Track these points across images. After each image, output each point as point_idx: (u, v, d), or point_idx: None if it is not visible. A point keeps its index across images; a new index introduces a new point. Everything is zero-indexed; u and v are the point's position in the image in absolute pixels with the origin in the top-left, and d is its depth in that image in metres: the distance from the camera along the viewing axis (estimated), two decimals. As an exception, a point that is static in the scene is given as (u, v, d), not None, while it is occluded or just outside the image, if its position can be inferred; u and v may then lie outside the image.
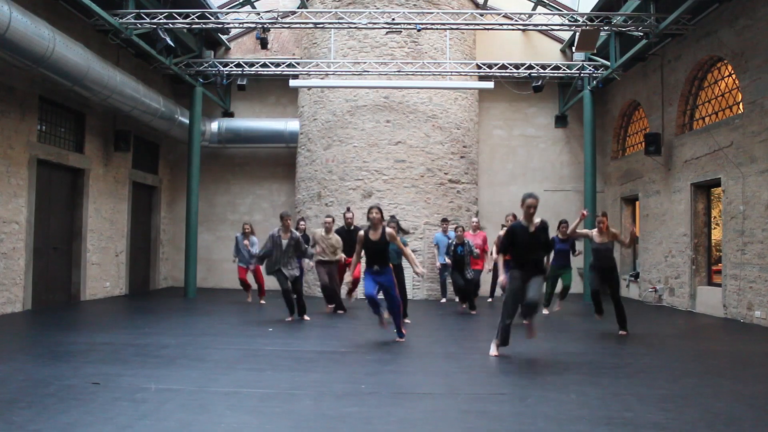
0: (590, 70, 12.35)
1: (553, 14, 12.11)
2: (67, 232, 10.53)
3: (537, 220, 5.97)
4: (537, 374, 5.22)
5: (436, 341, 7.20)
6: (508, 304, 5.90)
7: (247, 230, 10.95)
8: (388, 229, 6.67)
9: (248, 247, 10.77)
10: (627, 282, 13.08)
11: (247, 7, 12.65)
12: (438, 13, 10.76)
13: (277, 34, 14.27)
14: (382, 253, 6.64)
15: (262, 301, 11.05)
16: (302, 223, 10.46)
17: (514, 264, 5.99)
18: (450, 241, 9.71)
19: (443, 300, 11.77)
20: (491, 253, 9.79)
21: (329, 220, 9.41)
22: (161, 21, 9.84)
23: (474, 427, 3.69)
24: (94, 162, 11.03)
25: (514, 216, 8.43)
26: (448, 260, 9.72)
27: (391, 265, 6.84)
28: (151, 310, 9.80)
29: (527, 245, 5.90)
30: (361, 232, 6.74)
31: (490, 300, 11.79)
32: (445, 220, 11.32)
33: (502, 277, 6.04)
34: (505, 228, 8.34)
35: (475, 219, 11.05)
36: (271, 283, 13.55)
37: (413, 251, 12.27)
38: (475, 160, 13.65)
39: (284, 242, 8.33)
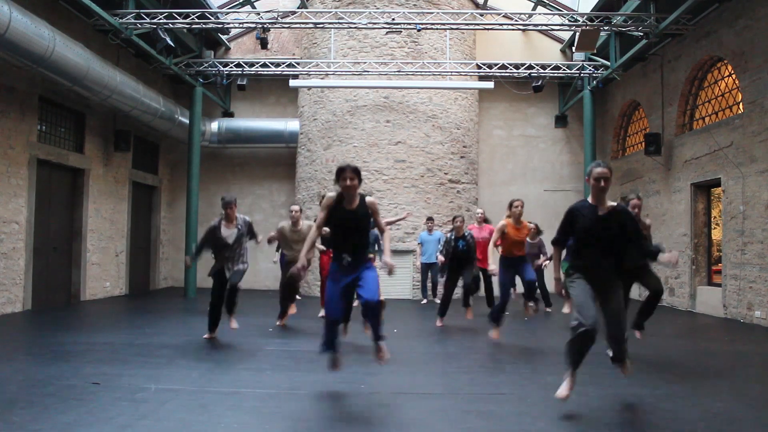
0: (590, 70, 12.36)
1: (553, 14, 12.11)
2: (67, 232, 10.52)
3: (611, 202, 4.14)
4: (537, 374, 5.22)
5: (436, 341, 7.19)
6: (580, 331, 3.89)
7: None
8: (370, 198, 4.55)
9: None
10: (627, 282, 13.07)
11: (247, 7, 12.65)
12: (438, 13, 10.77)
13: (277, 34, 14.27)
14: (358, 231, 4.46)
15: None
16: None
17: (576, 266, 4.13)
18: (449, 235, 8.24)
19: (424, 301, 11.49)
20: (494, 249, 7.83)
21: (296, 209, 7.86)
22: (161, 21, 9.84)
23: (474, 427, 3.68)
24: (94, 162, 11.03)
25: (522, 203, 6.92)
26: (440, 257, 8.24)
27: (372, 257, 4.76)
28: (151, 310, 9.80)
29: (596, 235, 4.02)
30: (331, 194, 4.48)
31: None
32: (430, 219, 11.16)
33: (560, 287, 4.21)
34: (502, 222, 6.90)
35: (480, 211, 9.68)
36: (271, 282, 13.60)
37: (410, 252, 12.27)
38: (475, 160, 13.65)
39: (229, 235, 6.70)
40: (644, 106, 12.38)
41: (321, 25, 10.85)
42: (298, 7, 12.92)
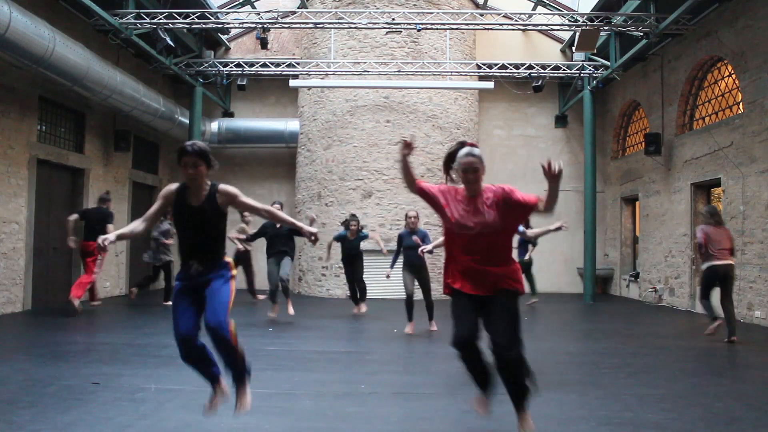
0: (590, 70, 12.35)
1: (553, 14, 12.11)
2: (67, 232, 10.51)
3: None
4: (537, 374, 5.22)
5: (435, 341, 7.20)
6: None
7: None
8: (225, 187, 3.55)
9: None
10: (627, 282, 13.08)
11: (247, 7, 12.65)
12: (438, 13, 10.76)
13: (277, 34, 14.27)
14: (206, 232, 3.44)
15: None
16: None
17: None
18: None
19: None
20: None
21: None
22: (161, 21, 9.84)
23: (474, 427, 3.68)
24: (94, 162, 11.03)
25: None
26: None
27: (229, 262, 3.50)
28: (151, 310, 9.80)
29: None
30: (172, 186, 3.58)
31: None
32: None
33: None
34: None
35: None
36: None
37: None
38: (475, 160, 13.63)
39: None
40: (644, 106, 12.38)
41: (321, 25, 10.85)
42: (298, 7, 12.92)
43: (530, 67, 12.62)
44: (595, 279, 12.70)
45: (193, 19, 10.16)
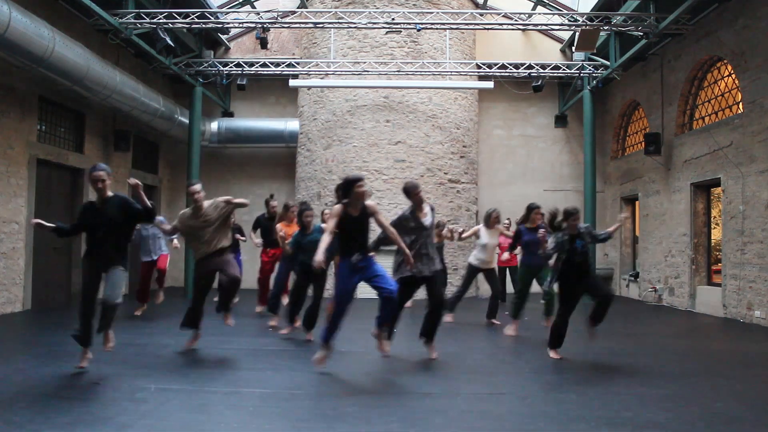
0: (590, 70, 12.35)
1: (553, 14, 12.11)
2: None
3: None
4: (537, 374, 5.22)
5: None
6: None
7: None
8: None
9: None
10: (627, 282, 13.09)
11: (247, 7, 12.65)
12: (438, 13, 10.76)
13: (277, 34, 14.27)
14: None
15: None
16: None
17: None
18: (560, 234, 5.76)
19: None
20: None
21: (196, 188, 6.34)
22: (161, 21, 9.84)
23: (474, 427, 3.69)
24: (93, 162, 11.00)
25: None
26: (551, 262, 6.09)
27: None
28: (151, 310, 9.80)
29: None
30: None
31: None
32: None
33: None
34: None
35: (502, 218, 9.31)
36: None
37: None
38: (475, 160, 13.65)
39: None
40: (644, 106, 12.38)
41: (321, 25, 10.84)
42: (298, 7, 12.92)
43: (530, 66, 12.62)
44: (595, 279, 12.70)
45: (193, 18, 10.16)
